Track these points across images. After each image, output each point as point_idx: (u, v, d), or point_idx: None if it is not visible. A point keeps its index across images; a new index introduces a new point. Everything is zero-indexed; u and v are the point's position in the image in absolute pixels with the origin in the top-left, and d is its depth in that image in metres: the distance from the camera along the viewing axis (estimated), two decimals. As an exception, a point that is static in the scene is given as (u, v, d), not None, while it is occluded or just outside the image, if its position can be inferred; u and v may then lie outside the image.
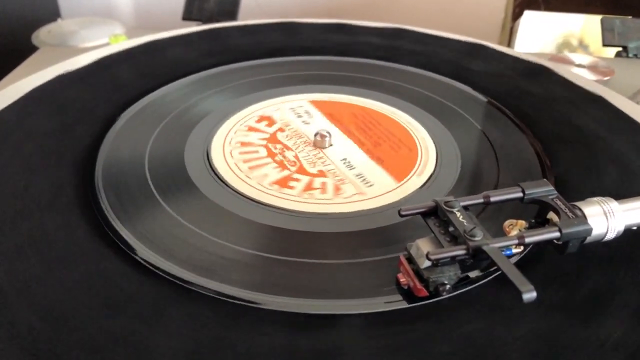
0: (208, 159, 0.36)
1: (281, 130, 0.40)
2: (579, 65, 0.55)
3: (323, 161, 0.36)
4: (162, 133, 0.39)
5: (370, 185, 0.34)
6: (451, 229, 0.26)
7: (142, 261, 0.28)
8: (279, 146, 0.38)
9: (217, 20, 0.60)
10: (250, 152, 0.37)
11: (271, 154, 0.37)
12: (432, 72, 0.49)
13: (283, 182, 0.34)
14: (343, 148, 0.38)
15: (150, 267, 0.27)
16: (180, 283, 0.27)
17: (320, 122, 0.41)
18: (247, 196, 0.33)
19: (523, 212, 0.30)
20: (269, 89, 0.45)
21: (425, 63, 0.50)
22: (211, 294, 0.26)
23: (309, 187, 0.34)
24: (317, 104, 0.43)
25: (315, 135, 0.37)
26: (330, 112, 0.42)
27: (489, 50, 0.52)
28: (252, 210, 0.32)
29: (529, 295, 0.22)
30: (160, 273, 0.27)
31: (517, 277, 0.23)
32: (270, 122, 0.41)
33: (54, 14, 0.71)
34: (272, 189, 0.33)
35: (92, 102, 0.42)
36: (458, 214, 0.26)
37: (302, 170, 0.35)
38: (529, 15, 0.86)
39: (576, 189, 0.34)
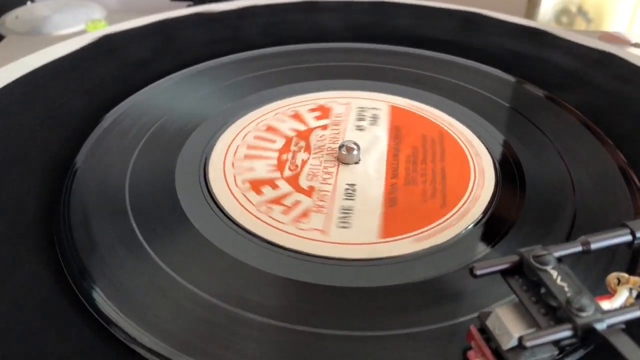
0: (205, 181, 0.29)
1: (323, 127, 0.33)
2: (636, 45, 0.47)
3: (326, 178, 0.29)
4: (149, 147, 0.31)
5: (346, 227, 0.26)
6: (543, 290, 0.19)
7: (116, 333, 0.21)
8: (301, 143, 0.31)
9: (212, 0, 0.51)
10: (265, 139, 0.32)
11: (284, 149, 0.31)
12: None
13: (258, 184, 0.28)
14: (365, 173, 0.30)
15: (126, 342, 0.21)
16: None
17: (379, 135, 0.33)
18: (248, 230, 0.26)
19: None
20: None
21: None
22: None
23: (276, 201, 0.27)
24: (395, 110, 0.35)
25: (341, 147, 0.30)
26: (400, 124, 0.34)
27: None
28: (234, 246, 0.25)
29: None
30: (139, 349, 0.20)
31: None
32: (324, 114, 0.34)
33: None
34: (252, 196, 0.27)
35: (57, 108, 0.34)
36: (554, 273, 0.19)
37: (292, 180, 0.29)
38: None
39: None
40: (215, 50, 0.41)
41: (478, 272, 0.19)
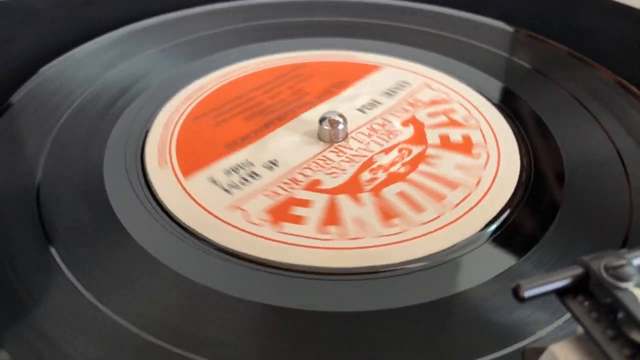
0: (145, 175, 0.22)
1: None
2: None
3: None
4: (69, 127, 0.24)
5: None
6: (621, 315, 0.13)
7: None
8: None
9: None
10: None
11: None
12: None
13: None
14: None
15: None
16: None
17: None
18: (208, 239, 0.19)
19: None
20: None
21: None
22: None
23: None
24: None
25: (322, 121, 0.23)
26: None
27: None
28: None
29: None
30: None
31: None
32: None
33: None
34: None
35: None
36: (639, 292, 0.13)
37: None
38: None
39: None
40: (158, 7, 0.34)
41: (527, 294, 0.13)
